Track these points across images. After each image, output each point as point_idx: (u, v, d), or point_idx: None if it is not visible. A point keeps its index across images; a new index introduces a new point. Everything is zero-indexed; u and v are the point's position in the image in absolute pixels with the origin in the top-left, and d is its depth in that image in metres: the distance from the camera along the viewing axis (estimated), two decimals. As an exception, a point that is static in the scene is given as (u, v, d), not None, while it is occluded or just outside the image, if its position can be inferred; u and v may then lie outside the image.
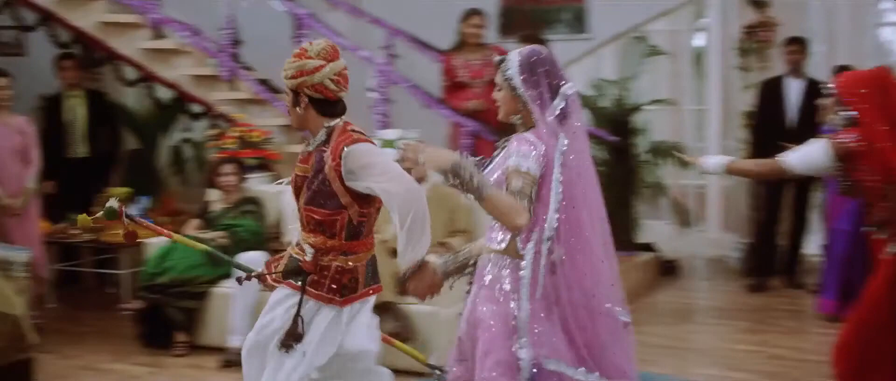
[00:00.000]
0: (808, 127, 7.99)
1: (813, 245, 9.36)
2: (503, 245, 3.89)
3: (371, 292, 4.47)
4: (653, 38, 10.49)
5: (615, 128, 9.51)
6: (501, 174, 3.87)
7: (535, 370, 3.81)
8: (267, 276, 4.52)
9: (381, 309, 6.32)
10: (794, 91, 8.87)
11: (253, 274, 4.57)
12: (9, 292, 7.24)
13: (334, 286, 4.33)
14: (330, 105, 4.32)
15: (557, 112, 3.83)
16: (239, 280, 4.60)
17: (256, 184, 7.83)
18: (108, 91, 10.05)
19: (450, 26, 8.58)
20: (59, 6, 8.90)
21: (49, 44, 9.44)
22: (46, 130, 8.91)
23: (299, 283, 4.32)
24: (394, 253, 6.69)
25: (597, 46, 10.38)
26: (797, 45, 8.97)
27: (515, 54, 3.91)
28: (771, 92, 9.01)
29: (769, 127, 8.85)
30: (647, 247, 9.79)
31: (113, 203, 4.82)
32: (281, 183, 5.11)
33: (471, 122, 8.07)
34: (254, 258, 6.82)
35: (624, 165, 9.54)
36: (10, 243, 7.75)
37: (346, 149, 4.20)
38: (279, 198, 7.26)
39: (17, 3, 8.99)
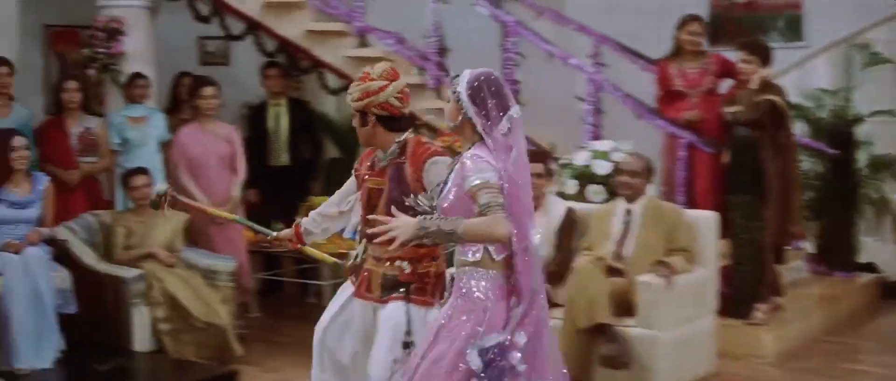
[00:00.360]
0: None
1: None
2: (478, 256, 3.97)
3: None
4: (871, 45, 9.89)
5: (834, 140, 8.98)
6: (458, 192, 3.97)
7: (491, 355, 3.88)
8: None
9: (596, 331, 6.06)
10: None
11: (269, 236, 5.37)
12: (214, 303, 7.24)
13: (439, 289, 4.60)
14: (396, 121, 4.65)
15: (504, 132, 3.93)
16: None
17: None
18: (310, 99, 10.02)
19: (656, 33, 8.27)
20: (265, 15, 8.91)
21: (252, 53, 9.47)
22: (250, 139, 8.90)
23: (402, 294, 4.59)
24: (610, 271, 6.40)
25: (812, 54, 9.85)
26: None
27: (468, 72, 4.03)
28: None
29: None
30: (869, 267, 9.21)
31: (161, 188, 5.51)
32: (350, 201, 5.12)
33: (687, 133, 7.67)
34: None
35: (843, 180, 9.00)
36: (216, 252, 7.76)
37: (429, 160, 4.55)
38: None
39: (225, 11, 9.01)
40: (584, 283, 6.16)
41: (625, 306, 6.29)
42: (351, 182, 5.06)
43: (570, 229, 6.75)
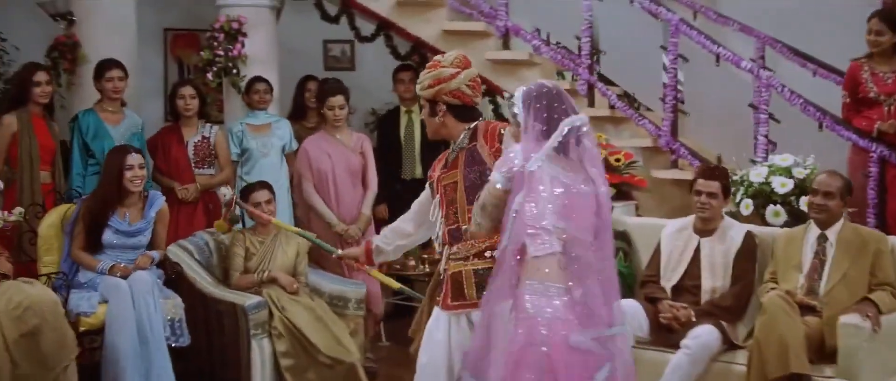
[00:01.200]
0: None
1: None
2: None
3: None
4: None
5: None
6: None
7: None
8: None
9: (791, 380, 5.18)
10: None
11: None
12: (343, 335, 6.55)
13: None
14: (468, 110, 4.56)
15: (557, 143, 3.95)
16: None
17: (620, 215, 6.74)
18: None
19: (829, 34, 7.66)
20: (398, 15, 8.46)
21: (378, 57, 9.07)
22: (379, 149, 8.19)
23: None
24: (804, 309, 5.50)
25: None
26: None
27: (521, 90, 4.09)
28: None
29: None
30: None
31: (226, 192, 5.52)
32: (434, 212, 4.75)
33: (879, 145, 6.73)
34: (627, 307, 5.74)
35: None
36: (344, 276, 7.03)
37: (504, 130, 4.39)
38: (658, 232, 6.17)
39: (355, 9, 8.54)
40: (776, 323, 5.26)
41: (819, 351, 5.38)
42: (426, 193, 4.84)
43: (750, 257, 5.90)
